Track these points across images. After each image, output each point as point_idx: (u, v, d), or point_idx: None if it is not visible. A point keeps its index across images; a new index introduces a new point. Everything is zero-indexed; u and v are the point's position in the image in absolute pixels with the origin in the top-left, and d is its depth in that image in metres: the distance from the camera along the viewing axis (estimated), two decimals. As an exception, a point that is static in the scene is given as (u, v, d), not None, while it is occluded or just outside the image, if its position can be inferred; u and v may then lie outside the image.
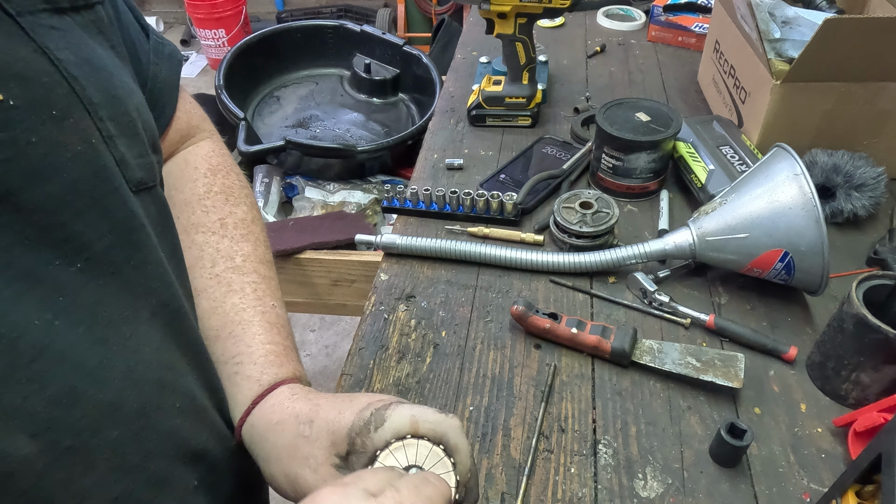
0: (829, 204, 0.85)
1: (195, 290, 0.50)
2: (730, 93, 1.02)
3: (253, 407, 0.47)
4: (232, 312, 0.50)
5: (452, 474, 0.40)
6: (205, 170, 0.56)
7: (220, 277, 0.51)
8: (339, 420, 0.43)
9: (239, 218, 0.55)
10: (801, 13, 0.91)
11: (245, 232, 0.55)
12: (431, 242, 0.83)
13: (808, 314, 0.75)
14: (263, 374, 0.48)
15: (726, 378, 0.65)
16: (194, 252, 0.52)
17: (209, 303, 0.50)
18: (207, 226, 0.53)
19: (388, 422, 0.41)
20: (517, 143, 1.06)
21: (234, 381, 0.49)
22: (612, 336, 0.69)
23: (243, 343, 0.49)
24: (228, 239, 0.53)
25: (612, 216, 0.82)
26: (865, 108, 0.87)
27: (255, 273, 0.53)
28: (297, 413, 0.45)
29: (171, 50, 0.54)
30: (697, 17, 1.33)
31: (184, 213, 0.53)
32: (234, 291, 0.51)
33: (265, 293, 0.52)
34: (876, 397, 0.62)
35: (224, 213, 0.55)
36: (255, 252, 0.54)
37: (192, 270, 0.50)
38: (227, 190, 0.56)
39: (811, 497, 0.58)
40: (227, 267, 0.52)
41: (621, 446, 0.63)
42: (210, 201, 0.55)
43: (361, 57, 1.92)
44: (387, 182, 1.75)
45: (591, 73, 1.26)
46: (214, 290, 0.51)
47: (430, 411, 0.42)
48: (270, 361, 0.49)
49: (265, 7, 3.81)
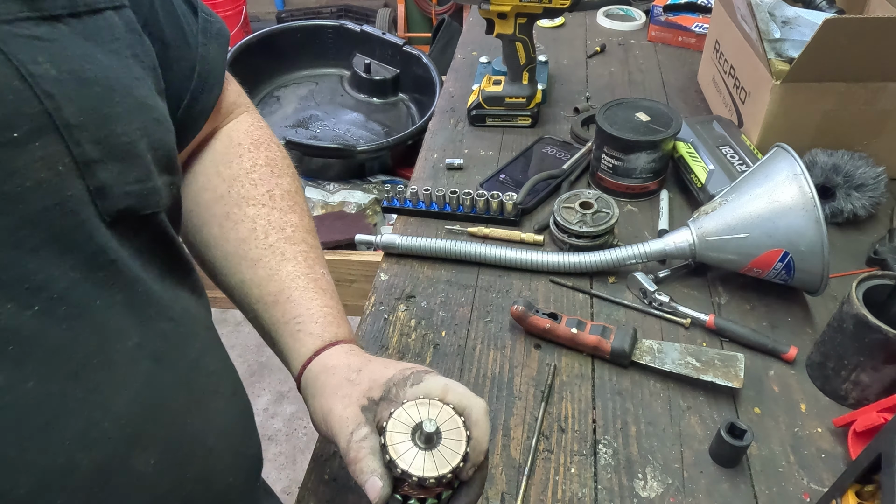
0: (829, 204, 0.85)
1: (252, 260, 0.53)
2: (730, 93, 1.02)
3: (315, 356, 0.50)
4: (288, 279, 0.52)
5: (464, 443, 0.42)
6: (248, 144, 0.58)
7: (273, 248, 0.53)
8: (383, 372, 0.47)
9: (285, 189, 0.57)
10: (801, 13, 0.91)
11: (291, 203, 0.57)
12: (431, 242, 0.83)
13: (808, 314, 0.75)
14: (325, 332, 0.51)
15: (726, 378, 0.65)
16: (247, 224, 0.54)
17: (266, 271, 0.53)
18: (257, 198, 0.55)
19: (424, 382, 0.45)
20: (517, 143, 1.06)
21: (297, 337, 0.51)
22: (612, 336, 0.69)
23: (302, 306, 0.52)
24: (278, 210, 0.55)
25: (612, 216, 0.82)
26: (865, 108, 0.87)
27: (304, 243, 0.55)
28: (350, 363, 0.49)
29: (219, 27, 0.54)
30: (697, 17, 1.33)
31: (234, 187, 0.55)
32: (288, 260, 0.53)
33: (315, 261, 0.55)
34: (876, 397, 0.62)
35: (271, 185, 0.56)
36: (301, 222, 0.56)
37: (247, 242, 0.53)
38: (271, 162, 0.58)
39: (811, 497, 0.58)
40: (279, 237, 0.54)
41: (621, 446, 0.63)
42: (257, 174, 0.56)
43: (361, 57, 1.92)
44: (387, 182, 1.75)
45: (591, 73, 1.26)
46: (270, 260, 0.53)
47: (462, 387, 0.45)
48: (329, 321, 0.52)
49: (265, 7, 3.81)
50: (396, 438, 0.41)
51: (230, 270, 0.54)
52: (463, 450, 0.41)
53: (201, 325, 0.47)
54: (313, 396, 0.49)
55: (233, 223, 0.54)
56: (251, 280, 0.53)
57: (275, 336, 0.53)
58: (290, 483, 1.66)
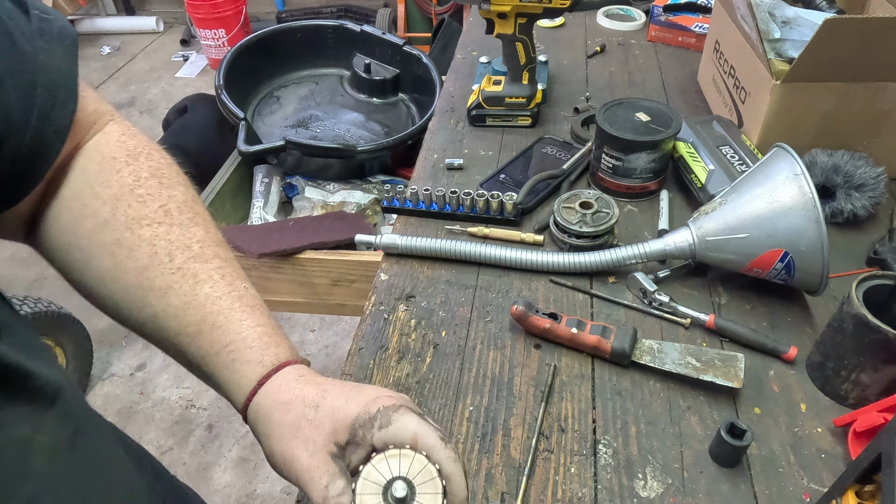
0: (829, 204, 0.85)
1: (160, 290, 0.46)
2: (730, 93, 1.02)
3: (259, 387, 0.45)
4: (209, 304, 0.47)
5: (440, 496, 0.40)
6: (124, 157, 0.49)
7: (182, 270, 0.47)
8: (345, 409, 0.43)
9: (180, 201, 0.49)
10: (801, 13, 0.91)
11: (192, 215, 0.49)
12: (431, 242, 0.83)
13: (808, 314, 0.75)
14: (264, 356, 0.46)
15: (726, 378, 0.65)
16: (145, 249, 0.46)
17: (180, 299, 0.46)
18: (150, 217, 0.47)
19: (393, 426, 0.41)
20: (517, 143, 1.06)
21: (233, 368, 0.46)
22: (612, 336, 0.69)
23: (232, 331, 0.46)
24: (178, 226, 0.48)
25: (612, 216, 0.82)
26: (865, 108, 0.87)
27: (217, 258, 0.49)
28: (305, 396, 0.44)
29: (60, 26, 0.44)
30: (697, 17, 1.33)
31: (119, 208, 0.47)
32: (203, 281, 0.47)
33: (233, 277, 0.49)
34: (876, 397, 0.62)
35: (163, 198, 0.48)
36: (208, 235, 0.49)
37: (149, 269, 0.46)
38: (157, 173, 0.50)
39: (811, 497, 0.58)
40: (186, 258, 0.47)
41: (621, 446, 0.63)
42: (143, 189, 0.48)
43: (361, 57, 1.92)
44: (387, 182, 1.75)
45: (591, 73, 1.26)
46: (181, 285, 0.46)
47: (433, 435, 0.41)
48: (266, 343, 0.47)
49: (265, 7, 3.81)
50: (367, 501, 0.39)
51: (135, 305, 0.47)
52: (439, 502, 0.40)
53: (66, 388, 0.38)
54: (268, 437, 0.44)
55: (127, 250, 0.46)
56: (164, 312, 0.46)
57: (206, 369, 0.47)
58: (290, 483, 1.66)
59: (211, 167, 1.72)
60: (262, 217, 1.66)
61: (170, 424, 1.79)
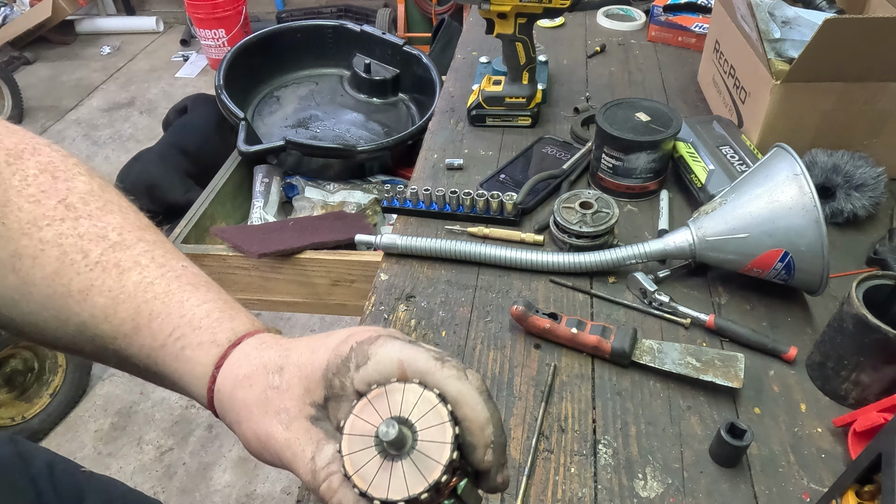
0: (829, 204, 0.85)
1: (80, 293, 0.40)
2: (730, 93, 1.02)
3: (217, 370, 0.39)
4: (139, 292, 0.40)
5: (448, 426, 0.32)
6: (3, 158, 0.42)
7: (101, 264, 0.40)
8: (312, 361, 0.36)
9: (83, 192, 0.43)
10: (801, 13, 0.91)
11: (101, 204, 0.43)
12: (431, 242, 0.83)
13: (808, 314, 0.75)
14: (217, 334, 0.40)
15: (726, 378, 0.65)
16: (52, 252, 0.40)
17: (105, 296, 0.40)
18: (48, 216, 0.41)
19: (373, 361, 0.34)
20: (517, 143, 1.06)
21: (183, 357, 0.39)
22: (612, 336, 0.69)
23: (174, 315, 0.40)
24: (86, 218, 0.41)
25: (612, 216, 0.82)
26: (865, 108, 0.87)
27: (142, 241, 0.42)
28: (266, 362, 0.38)
29: None
30: (697, 17, 1.33)
31: (8, 215, 0.40)
32: (128, 270, 0.41)
33: (165, 257, 0.42)
34: (876, 397, 0.62)
35: (61, 193, 0.42)
36: (126, 221, 0.43)
37: (61, 273, 0.40)
38: (48, 168, 0.43)
39: (811, 497, 0.58)
40: (103, 249, 0.41)
41: (621, 446, 0.63)
42: (34, 188, 0.41)
43: (361, 57, 1.92)
44: (387, 182, 1.75)
45: (591, 73, 1.26)
46: (104, 280, 0.40)
47: (423, 356, 0.34)
48: (216, 319, 0.40)
49: (265, 7, 3.81)
50: (359, 460, 0.32)
51: (58, 320, 0.41)
52: (450, 436, 0.32)
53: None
54: (238, 423, 0.38)
55: (30, 259, 0.40)
56: (92, 317, 0.40)
57: (156, 369, 0.41)
58: (290, 483, 1.66)
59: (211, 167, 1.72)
60: (262, 217, 1.66)
61: (170, 424, 1.79)
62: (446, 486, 0.33)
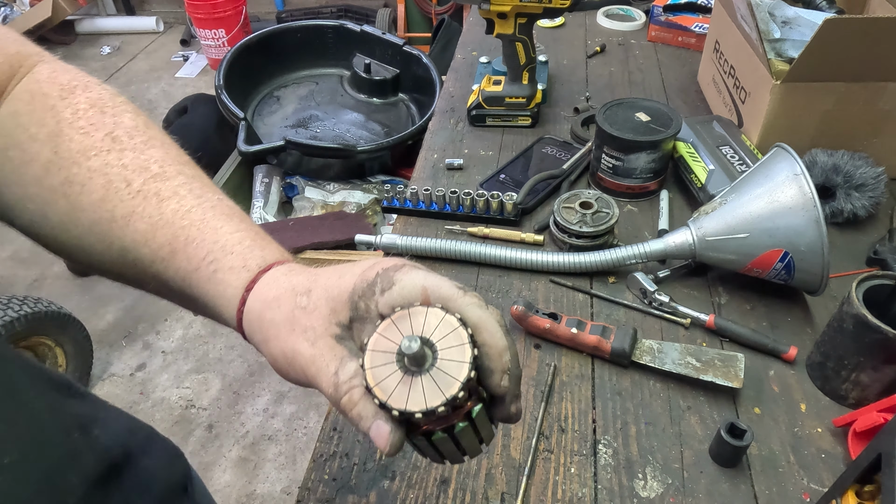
0: (829, 204, 0.85)
1: (123, 218, 0.43)
2: (730, 93, 1.02)
3: (247, 293, 0.41)
4: (177, 219, 0.43)
5: (468, 347, 0.34)
6: (57, 93, 0.46)
7: (143, 192, 0.43)
8: (339, 285, 0.38)
9: (129, 126, 0.46)
10: (801, 13, 0.91)
11: (145, 139, 0.46)
12: (431, 242, 0.83)
13: (808, 314, 0.75)
14: (248, 260, 0.42)
15: (726, 378, 0.65)
16: (98, 180, 0.43)
17: (145, 222, 0.43)
18: (97, 147, 0.44)
19: (398, 286, 0.36)
20: (517, 143, 1.06)
21: (215, 279, 0.42)
22: (612, 336, 0.69)
23: (208, 241, 0.42)
24: (130, 151, 0.44)
25: (612, 216, 0.82)
26: (865, 108, 0.87)
27: (181, 174, 0.45)
28: (294, 285, 0.40)
29: None
30: (697, 17, 1.33)
31: (61, 144, 0.44)
32: (168, 199, 0.43)
33: (202, 190, 0.45)
34: (876, 397, 0.62)
35: (108, 126, 0.45)
36: (168, 155, 0.46)
37: (107, 200, 0.43)
38: (97, 103, 0.46)
39: (811, 497, 0.58)
40: (145, 179, 0.44)
41: (621, 446, 0.63)
42: (84, 121, 0.45)
43: (361, 57, 1.92)
44: (387, 182, 1.75)
45: (591, 73, 1.26)
46: (145, 207, 0.43)
47: (446, 284, 0.37)
48: (248, 247, 0.43)
49: (265, 7, 3.81)
50: (380, 374, 0.34)
51: (103, 243, 0.44)
52: (468, 356, 0.34)
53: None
54: (266, 342, 0.40)
55: (79, 186, 0.43)
56: (133, 241, 0.43)
57: (190, 292, 0.43)
58: (290, 483, 1.66)
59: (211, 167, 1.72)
60: (262, 217, 1.66)
61: (170, 424, 1.79)
62: (462, 403, 0.34)
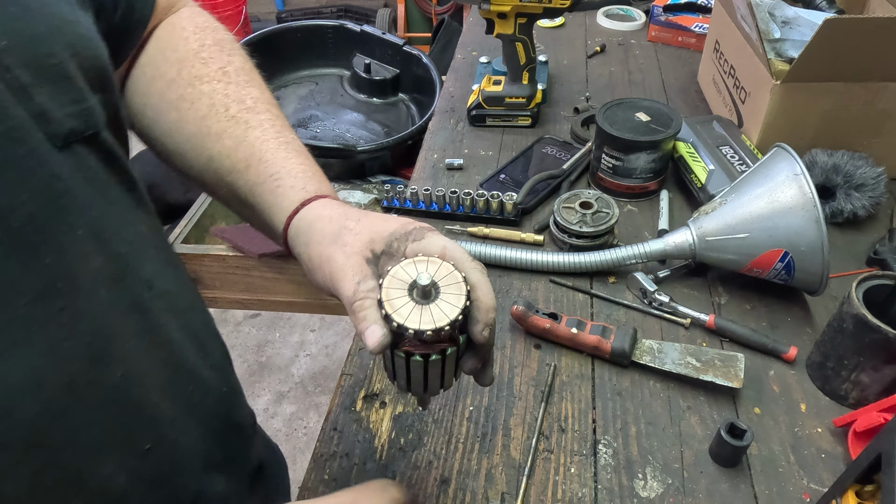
0: (829, 204, 0.85)
1: (216, 134, 0.52)
2: (730, 93, 1.02)
3: (302, 207, 0.49)
4: (257, 144, 0.52)
5: (463, 297, 0.41)
6: (192, 28, 0.57)
7: (236, 118, 0.53)
8: (383, 224, 0.47)
9: (238, 66, 0.56)
10: (801, 13, 0.91)
11: (248, 78, 0.56)
12: (431, 242, 0.83)
13: (808, 314, 0.75)
14: (307, 185, 0.50)
15: (726, 378, 0.65)
16: (205, 101, 0.53)
17: (232, 140, 0.52)
18: (210, 76, 0.54)
19: (425, 240, 0.45)
20: (517, 143, 1.06)
21: (276, 193, 0.50)
22: (612, 336, 0.69)
23: (277, 164, 0.51)
24: (234, 85, 0.54)
25: (612, 216, 0.82)
26: (865, 108, 0.87)
27: (268, 112, 0.55)
28: (347, 213, 0.48)
29: None
30: (697, 17, 1.33)
31: (184, 68, 0.54)
32: (254, 127, 0.53)
33: (282, 128, 0.54)
34: (876, 397, 0.62)
35: (223, 62, 0.55)
36: (262, 95, 0.56)
37: (207, 118, 0.53)
38: (219, 42, 0.57)
39: (811, 497, 0.58)
40: (240, 109, 0.53)
41: (621, 446, 0.63)
42: (206, 53, 0.55)
43: (361, 57, 1.92)
44: (387, 182, 1.75)
45: (591, 73, 1.26)
46: (234, 129, 0.52)
47: (461, 250, 0.45)
48: (309, 176, 0.51)
49: (265, 7, 3.81)
50: (393, 294, 0.41)
51: (196, 151, 0.53)
52: (462, 303, 0.41)
53: (152, 246, 0.47)
54: (307, 245, 0.47)
55: (189, 103, 0.53)
56: (219, 153, 0.52)
57: (253, 199, 0.51)
58: (290, 483, 1.66)
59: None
60: (262, 217, 1.66)
61: (170, 424, 1.79)
62: (446, 338, 0.42)
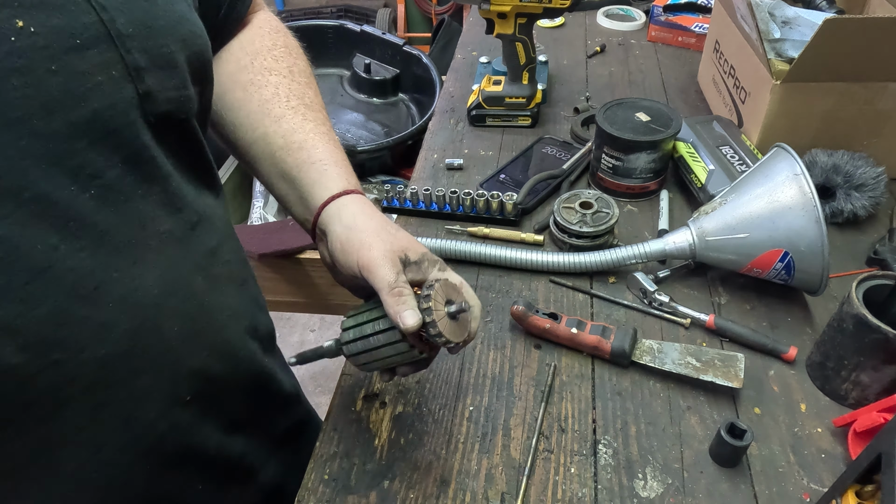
0: (829, 204, 0.85)
1: (275, 116, 0.59)
2: (730, 93, 1.02)
3: (345, 193, 0.56)
4: (311, 134, 0.59)
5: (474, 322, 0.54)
6: (268, 29, 0.65)
7: (295, 109, 0.60)
8: (417, 244, 0.54)
9: (302, 68, 0.64)
10: (801, 13, 0.91)
11: (308, 80, 0.64)
12: (432, 242, 0.83)
13: (808, 314, 0.75)
14: (350, 179, 0.57)
15: (726, 378, 0.65)
16: (270, 89, 0.60)
17: (289, 124, 0.59)
18: (279, 70, 0.62)
19: (447, 273, 0.54)
20: (517, 143, 1.06)
21: (325, 173, 0.57)
22: (612, 336, 0.69)
23: (326, 154, 0.58)
24: (297, 83, 0.62)
25: (612, 216, 0.82)
26: (865, 108, 0.87)
27: (321, 112, 0.62)
28: (388, 220, 0.55)
29: None
30: (697, 17, 1.33)
31: (257, 59, 0.62)
32: (309, 120, 0.60)
33: (331, 133, 0.61)
34: (876, 397, 0.62)
35: (290, 62, 0.64)
36: (317, 98, 0.63)
37: (270, 102, 0.60)
38: (288, 45, 0.66)
39: (811, 497, 0.58)
40: (299, 102, 0.61)
41: (621, 446, 0.63)
42: (278, 52, 0.63)
43: (361, 57, 1.92)
44: (387, 182, 1.75)
45: (591, 73, 1.26)
46: (292, 117, 0.59)
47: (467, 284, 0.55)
48: (351, 174, 0.58)
49: (265, 7, 3.80)
50: (437, 306, 0.49)
51: (253, 126, 0.59)
52: (470, 330, 0.53)
53: (220, 220, 0.54)
54: (348, 228, 0.53)
55: (256, 87, 0.60)
56: (275, 132, 0.58)
57: (297, 175, 0.57)
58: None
59: (211, 167, 1.72)
60: (262, 217, 1.66)
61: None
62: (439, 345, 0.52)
